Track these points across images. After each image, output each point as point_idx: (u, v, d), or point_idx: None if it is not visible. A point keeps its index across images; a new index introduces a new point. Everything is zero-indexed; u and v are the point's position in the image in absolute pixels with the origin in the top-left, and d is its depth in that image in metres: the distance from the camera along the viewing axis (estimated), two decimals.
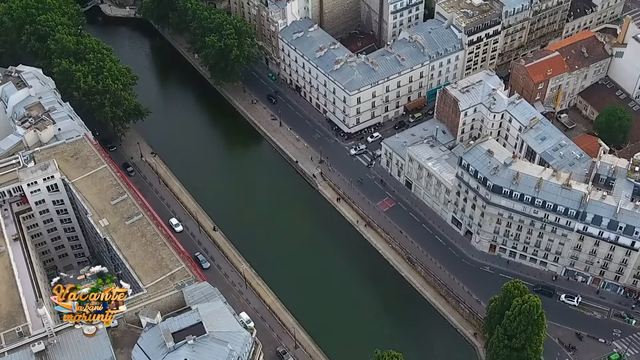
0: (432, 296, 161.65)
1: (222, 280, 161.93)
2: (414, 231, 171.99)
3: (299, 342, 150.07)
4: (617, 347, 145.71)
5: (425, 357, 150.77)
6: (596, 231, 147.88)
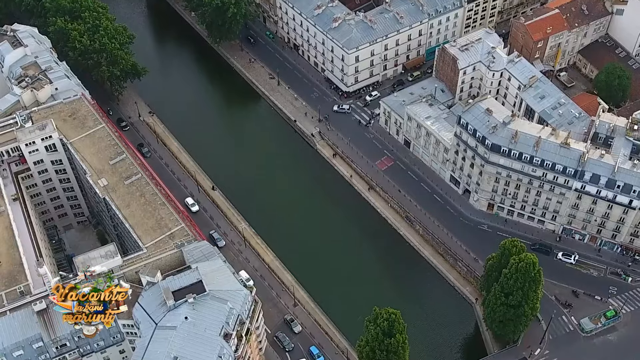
0: (430, 254, 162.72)
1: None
2: (413, 190, 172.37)
3: (298, 300, 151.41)
4: (613, 305, 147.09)
5: (423, 314, 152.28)
6: (594, 190, 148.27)
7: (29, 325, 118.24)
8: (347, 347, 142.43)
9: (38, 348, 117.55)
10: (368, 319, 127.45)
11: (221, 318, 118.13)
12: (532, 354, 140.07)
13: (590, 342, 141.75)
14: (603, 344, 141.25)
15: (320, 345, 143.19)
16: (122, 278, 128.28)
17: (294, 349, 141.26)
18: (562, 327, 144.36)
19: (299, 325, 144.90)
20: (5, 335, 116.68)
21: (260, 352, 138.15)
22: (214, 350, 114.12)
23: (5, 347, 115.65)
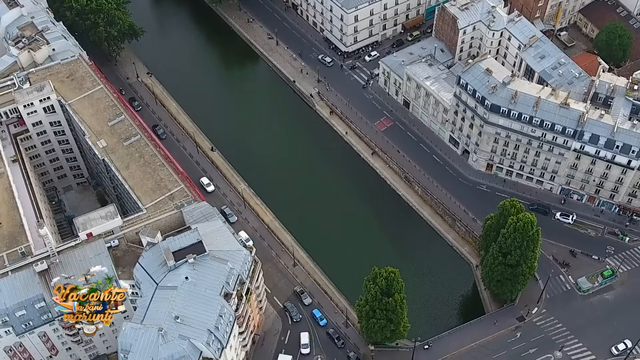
0: (429, 214, 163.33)
1: (221, 200, 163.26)
2: (412, 151, 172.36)
3: (298, 260, 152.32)
4: (610, 264, 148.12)
5: (422, 274, 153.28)
6: (593, 150, 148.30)
7: (30, 285, 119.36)
8: (347, 307, 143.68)
9: (40, 308, 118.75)
10: (367, 278, 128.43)
11: (221, 278, 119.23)
12: (529, 313, 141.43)
13: (587, 301, 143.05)
14: (600, 303, 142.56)
15: (319, 304, 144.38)
16: (123, 239, 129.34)
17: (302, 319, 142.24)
18: (559, 287, 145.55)
19: (309, 297, 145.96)
20: (8, 296, 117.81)
21: (260, 312, 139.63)
22: (215, 310, 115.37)
23: (7, 308, 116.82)
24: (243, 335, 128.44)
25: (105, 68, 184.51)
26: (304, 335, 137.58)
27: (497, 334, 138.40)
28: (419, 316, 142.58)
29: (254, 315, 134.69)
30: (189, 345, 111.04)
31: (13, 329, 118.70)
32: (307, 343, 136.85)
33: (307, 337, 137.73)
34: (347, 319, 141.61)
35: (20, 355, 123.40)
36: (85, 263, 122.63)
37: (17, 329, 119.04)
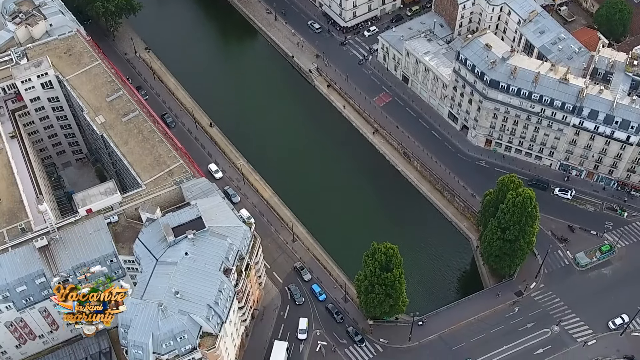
0: (428, 190, 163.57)
1: (224, 181, 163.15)
2: (411, 126, 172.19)
3: (297, 236, 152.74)
4: (609, 239, 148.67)
5: (421, 249, 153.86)
6: (592, 126, 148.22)
7: (30, 261, 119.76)
8: (346, 281, 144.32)
9: (40, 284, 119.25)
10: (366, 253, 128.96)
11: (221, 253, 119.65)
12: (527, 288, 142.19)
13: (585, 276, 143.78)
14: (598, 278, 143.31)
15: (319, 279, 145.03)
16: (122, 214, 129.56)
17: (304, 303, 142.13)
18: (557, 262, 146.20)
19: (308, 273, 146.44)
20: (8, 272, 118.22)
21: (260, 287, 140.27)
22: (214, 285, 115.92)
23: (8, 283, 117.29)
24: (242, 310, 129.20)
25: (102, 43, 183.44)
26: (303, 320, 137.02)
27: (495, 309, 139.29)
28: (417, 291, 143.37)
29: (253, 290, 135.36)
30: (189, 320, 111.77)
31: (14, 304, 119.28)
32: (304, 329, 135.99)
33: (305, 323, 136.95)
34: (346, 294, 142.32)
35: (21, 330, 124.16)
36: (85, 239, 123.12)
37: (18, 304, 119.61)
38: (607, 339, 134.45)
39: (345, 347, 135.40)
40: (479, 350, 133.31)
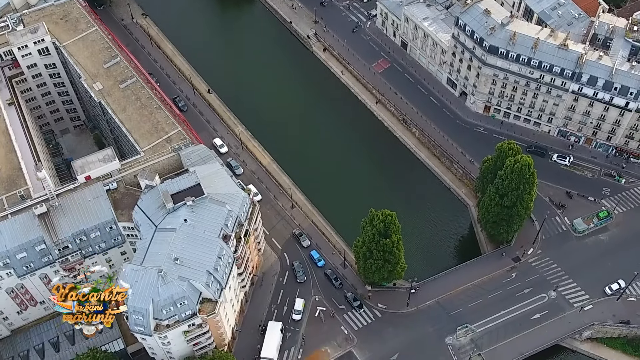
0: (426, 157, 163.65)
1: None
2: (409, 92, 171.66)
3: (296, 202, 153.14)
4: (606, 205, 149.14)
5: (419, 215, 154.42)
6: (591, 92, 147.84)
7: (30, 228, 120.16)
8: (344, 248, 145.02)
9: (41, 250, 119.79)
10: (364, 220, 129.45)
11: (220, 220, 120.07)
12: (525, 254, 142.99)
13: (582, 242, 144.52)
14: (595, 244, 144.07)
15: (317, 246, 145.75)
16: (121, 181, 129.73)
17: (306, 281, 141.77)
18: (555, 228, 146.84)
19: (307, 239, 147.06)
20: (8, 238, 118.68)
21: (259, 253, 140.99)
22: (214, 251, 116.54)
23: (8, 250, 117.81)
24: (242, 277, 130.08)
25: (99, 10, 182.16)
26: (299, 301, 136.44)
27: (493, 275, 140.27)
28: (416, 257, 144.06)
29: (252, 256, 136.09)
30: (189, 286, 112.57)
31: (14, 271, 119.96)
32: (300, 310, 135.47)
33: (302, 304, 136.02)
34: (344, 260, 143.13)
35: (22, 296, 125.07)
36: (84, 206, 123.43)
37: (18, 270, 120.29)
38: (603, 304, 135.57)
39: (344, 312, 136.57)
40: (477, 316, 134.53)
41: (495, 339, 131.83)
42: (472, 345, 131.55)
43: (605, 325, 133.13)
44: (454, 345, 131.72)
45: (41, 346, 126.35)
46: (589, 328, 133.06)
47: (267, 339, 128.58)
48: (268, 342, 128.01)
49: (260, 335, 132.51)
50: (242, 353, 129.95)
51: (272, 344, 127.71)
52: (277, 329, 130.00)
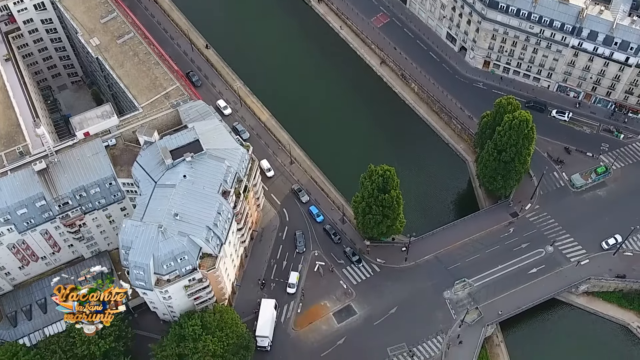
0: (425, 112, 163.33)
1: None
2: (408, 47, 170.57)
3: (295, 158, 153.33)
4: (604, 161, 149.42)
5: (418, 171, 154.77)
6: (591, 47, 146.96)
7: (30, 184, 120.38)
8: (343, 203, 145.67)
9: (41, 206, 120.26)
10: (363, 175, 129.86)
11: (219, 176, 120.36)
12: (522, 209, 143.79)
13: (580, 197, 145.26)
14: (592, 199, 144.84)
15: (316, 201, 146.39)
16: (120, 138, 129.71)
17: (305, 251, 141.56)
18: (553, 183, 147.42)
19: (306, 195, 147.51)
20: (8, 195, 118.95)
21: (258, 209, 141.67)
22: (213, 207, 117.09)
23: (9, 206, 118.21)
24: (241, 232, 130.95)
25: None
26: (293, 274, 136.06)
27: (491, 230, 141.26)
28: (414, 212, 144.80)
29: (252, 212, 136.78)
30: (189, 242, 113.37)
31: (15, 227, 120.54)
32: (294, 283, 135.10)
33: (296, 277, 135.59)
34: (343, 215, 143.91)
35: (24, 252, 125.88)
36: (84, 162, 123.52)
37: (19, 226, 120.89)
38: (600, 258, 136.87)
39: (343, 267, 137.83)
40: (474, 270, 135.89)
41: (493, 293, 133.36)
42: (469, 299, 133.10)
43: (602, 280, 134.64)
44: (452, 299, 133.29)
45: (43, 301, 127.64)
46: (585, 282, 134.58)
47: (261, 316, 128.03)
48: (262, 320, 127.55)
49: (260, 290, 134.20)
50: (242, 307, 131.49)
51: (266, 321, 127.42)
52: (270, 306, 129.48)
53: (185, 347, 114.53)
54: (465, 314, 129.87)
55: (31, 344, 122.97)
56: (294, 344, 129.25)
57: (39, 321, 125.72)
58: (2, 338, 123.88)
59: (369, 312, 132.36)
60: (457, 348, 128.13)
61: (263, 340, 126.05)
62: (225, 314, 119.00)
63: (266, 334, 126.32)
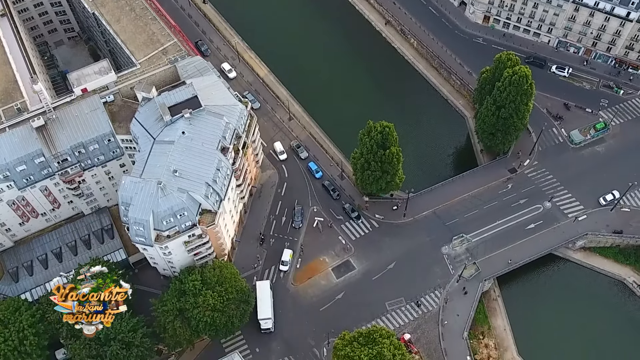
0: (424, 68, 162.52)
1: (215, 55, 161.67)
2: (408, 3, 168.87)
3: (293, 114, 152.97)
4: (603, 117, 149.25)
5: (417, 127, 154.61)
6: (592, 1, 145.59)
7: (29, 141, 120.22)
8: (342, 160, 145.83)
9: (40, 163, 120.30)
10: (362, 131, 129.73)
11: (218, 132, 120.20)
12: (521, 165, 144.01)
13: (579, 153, 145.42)
14: (591, 155, 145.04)
15: (315, 157, 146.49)
16: (118, 94, 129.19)
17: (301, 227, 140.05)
18: (551, 139, 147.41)
19: (305, 151, 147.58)
20: (7, 151, 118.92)
21: (257, 165, 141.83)
22: (212, 163, 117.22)
23: (8, 163, 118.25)
24: (240, 188, 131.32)
25: None
26: (287, 252, 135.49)
27: (489, 186, 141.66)
28: (413, 168, 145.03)
29: (250, 168, 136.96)
30: (188, 198, 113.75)
31: (14, 184, 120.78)
32: (287, 261, 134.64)
33: (289, 255, 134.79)
34: (342, 171, 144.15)
35: (24, 208, 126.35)
36: (82, 118, 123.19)
37: (19, 183, 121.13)
38: (597, 214, 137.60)
39: (342, 223, 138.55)
40: (472, 226, 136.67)
41: (490, 248, 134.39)
42: (467, 254, 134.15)
43: (599, 235, 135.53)
44: (450, 254, 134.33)
45: (44, 256, 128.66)
46: (583, 238, 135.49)
47: (259, 299, 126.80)
48: (261, 302, 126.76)
49: (259, 246, 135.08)
50: (241, 262, 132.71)
51: (265, 303, 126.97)
52: (266, 288, 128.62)
53: (185, 302, 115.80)
54: (463, 269, 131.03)
55: (33, 299, 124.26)
56: (293, 298, 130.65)
57: (40, 277, 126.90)
58: (5, 293, 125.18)
59: (368, 267, 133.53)
60: (455, 302, 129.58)
61: (266, 322, 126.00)
62: (224, 269, 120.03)
63: (269, 316, 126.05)
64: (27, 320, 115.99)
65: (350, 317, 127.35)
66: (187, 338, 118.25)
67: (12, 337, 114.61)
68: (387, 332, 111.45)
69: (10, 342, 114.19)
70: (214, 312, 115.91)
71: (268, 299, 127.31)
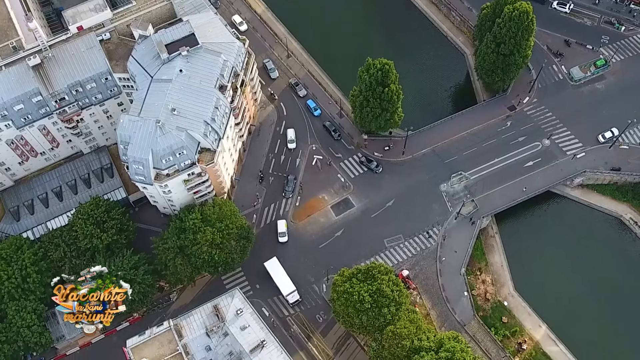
0: (424, 4, 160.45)
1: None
2: None
3: (292, 52, 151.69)
4: (604, 54, 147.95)
5: (416, 64, 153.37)
6: None
7: (25, 80, 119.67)
8: (341, 97, 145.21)
9: (37, 102, 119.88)
10: (361, 69, 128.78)
11: (215, 70, 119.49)
12: (520, 102, 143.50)
13: (578, 91, 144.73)
14: (590, 92, 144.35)
15: (314, 95, 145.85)
16: (114, 32, 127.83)
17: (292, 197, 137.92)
18: (551, 76, 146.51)
19: (304, 89, 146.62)
20: (4, 90, 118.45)
21: (255, 103, 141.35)
22: (210, 102, 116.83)
23: (5, 102, 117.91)
24: (239, 126, 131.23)
25: None
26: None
27: (488, 123, 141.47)
28: (413, 106, 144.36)
29: (249, 106, 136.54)
30: (187, 136, 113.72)
31: (13, 123, 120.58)
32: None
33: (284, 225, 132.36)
34: (341, 109, 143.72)
35: (23, 147, 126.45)
36: (78, 57, 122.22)
37: (17, 122, 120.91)
38: (596, 151, 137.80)
39: (341, 160, 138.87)
40: (471, 163, 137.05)
41: (489, 185, 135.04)
42: (465, 192, 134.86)
43: (597, 172, 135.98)
44: (448, 191, 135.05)
45: (45, 195, 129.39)
46: (581, 175, 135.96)
47: (275, 278, 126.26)
48: (278, 279, 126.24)
49: (258, 184, 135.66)
50: (241, 201, 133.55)
51: (283, 279, 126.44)
52: (276, 264, 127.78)
53: (185, 239, 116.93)
54: (461, 206, 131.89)
55: (35, 238, 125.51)
56: (293, 236, 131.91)
57: (41, 215, 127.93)
58: (6, 232, 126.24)
59: (367, 205, 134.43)
60: (452, 239, 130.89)
61: (293, 295, 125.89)
62: (224, 207, 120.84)
63: (293, 288, 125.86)
64: (29, 259, 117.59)
65: (349, 254, 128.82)
66: (188, 275, 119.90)
67: (15, 274, 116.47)
68: (386, 269, 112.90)
69: (13, 280, 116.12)
70: (212, 249, 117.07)
71: (283, 274, 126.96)
